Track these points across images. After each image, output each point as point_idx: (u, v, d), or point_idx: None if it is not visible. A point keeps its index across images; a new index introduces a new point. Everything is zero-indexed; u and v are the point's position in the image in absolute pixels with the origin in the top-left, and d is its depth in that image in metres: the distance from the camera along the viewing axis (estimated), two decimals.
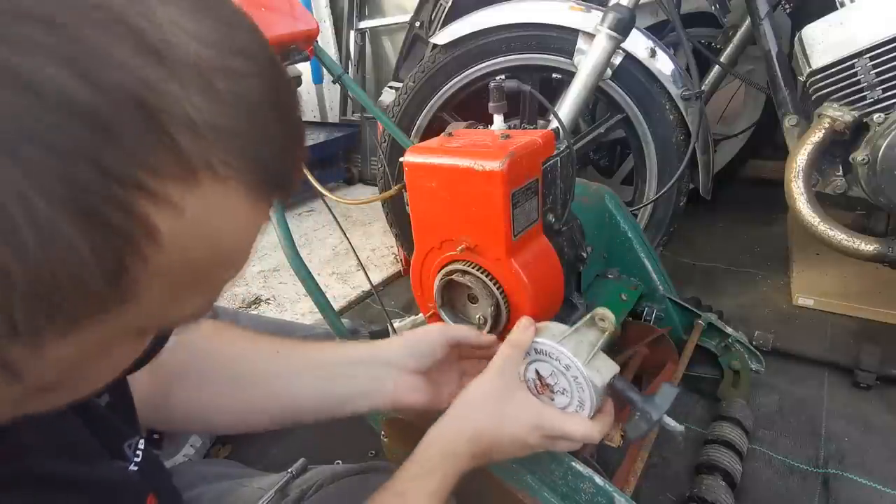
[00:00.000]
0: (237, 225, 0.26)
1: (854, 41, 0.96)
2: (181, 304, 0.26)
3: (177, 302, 0.26)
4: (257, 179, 0.25)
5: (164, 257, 0.22)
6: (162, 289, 0.24)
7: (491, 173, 0.65)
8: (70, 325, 0.22)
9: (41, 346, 0.22)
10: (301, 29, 0.93)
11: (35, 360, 0.23)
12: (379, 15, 2.58)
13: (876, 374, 1.06)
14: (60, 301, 0.21)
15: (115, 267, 0.21)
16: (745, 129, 1.92)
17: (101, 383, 0.30)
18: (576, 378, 0.55)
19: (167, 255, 0.22)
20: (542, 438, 0.56)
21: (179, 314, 0.27)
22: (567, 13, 1.23)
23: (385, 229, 1.99)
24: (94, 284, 0.21)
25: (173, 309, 0.26)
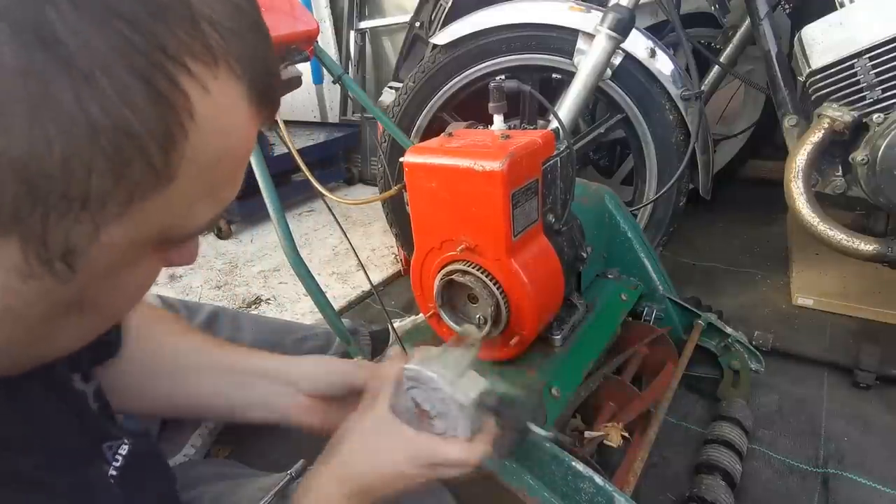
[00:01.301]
0: (241, 127, 0.30)
1: (853, 41, 0.96)
2: (197, 210, 0.30)
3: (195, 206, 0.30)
4: (256, 86, 0.30)
5: (197, 138, 0.27)
6: (190, 180, 0.28)
7: (491, 173, 0.65)
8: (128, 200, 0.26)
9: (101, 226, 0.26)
10: (301, 29, 0.93)
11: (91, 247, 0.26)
12: (379, 15, 2.58)
13: (875, 374, 1.06)
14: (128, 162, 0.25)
15: (167, 134, 0.25)
16: (744, 129, 1.92)
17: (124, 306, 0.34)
18: (443, 400, 0.52)
19: (199, 136, 0.27)
20: (422, 468, 0.53)
21: (193, 222, 0.31)
22: (567, 13, 1.23)
23: (385, 229, 1.99)
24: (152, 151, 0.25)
25: (191, 214, 0.30)
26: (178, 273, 1.84)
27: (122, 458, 0.43)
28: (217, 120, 0.28)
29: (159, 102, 0.25)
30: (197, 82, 0.26)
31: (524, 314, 0.73)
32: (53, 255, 0.25)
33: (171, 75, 0.25)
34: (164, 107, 0.25)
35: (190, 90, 0.26)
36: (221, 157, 0.30)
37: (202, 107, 0.27)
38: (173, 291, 1.72)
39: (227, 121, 0.29)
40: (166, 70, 0.25)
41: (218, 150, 0.29)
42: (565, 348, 0.84)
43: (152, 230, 0.29)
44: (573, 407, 0.83)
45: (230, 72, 0.28)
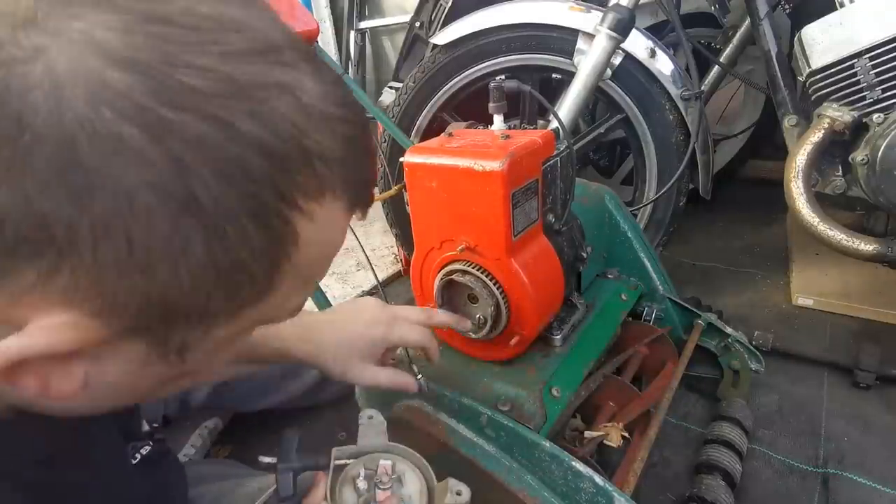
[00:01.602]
0: (339, 233, 0.34)
1: (853, 41, 0.96)
2: (294, 299, 0.34)
3: (292, 299, 0.33)
4: (354, 199, 0.33)
5: (299, 257, 0.30)
6: (290, 285, 0.31)
7: (491, 173, 0.65)
8: (236, 311, 0.29)
9: (210, 330, 0.30)
10: (301, 29, 0.93)
11: (201, 343, 0.30)
12: (379, 15, 2.57)
13: (875, 374, 1.06)
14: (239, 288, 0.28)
15: (272, 262, 0.29)
16: (744, 129, 1.92)
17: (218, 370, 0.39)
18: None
19: (301, 255, 0.30)
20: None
21: (289, 308, 0.34)
22: (567, 13, 1.23)
23: (385, 229, 1.99)
24: (259, 276, 0.28)
25: (288, 305, 0.34)
26: None
27: (140, 457, 0.45)
28: (318, 238, 0.31)
29: (271, 240, 0.28)
30: (305, 215, 0.29)
31: (524, 314, 0.73)
32: (170, 352, 0.30)
33: (284, 216, 0.28)
34: (274, 242, 0.28)
35: (298, 223, 0.29)
36: (320, 261, 0.33)
37: (306, 233, 0.29)
38: None
39: (328, 236, 0.32)
40: (282, 213, 0.28)
41: (318, 258, 0.33)
42: (565, 348, 0.84)
43: (253, 323, 0.33)
44: (573, 407, 0.83)
45: (334, 196, 0.30)
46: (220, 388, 0.94)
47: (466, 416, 0.73)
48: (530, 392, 0.74)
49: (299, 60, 0.29)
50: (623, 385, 0.88)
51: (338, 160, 0.29)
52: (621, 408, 0.87)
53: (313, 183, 0.29)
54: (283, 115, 0.27)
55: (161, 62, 0.24)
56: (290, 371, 1.01)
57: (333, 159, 0.29)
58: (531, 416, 0.72)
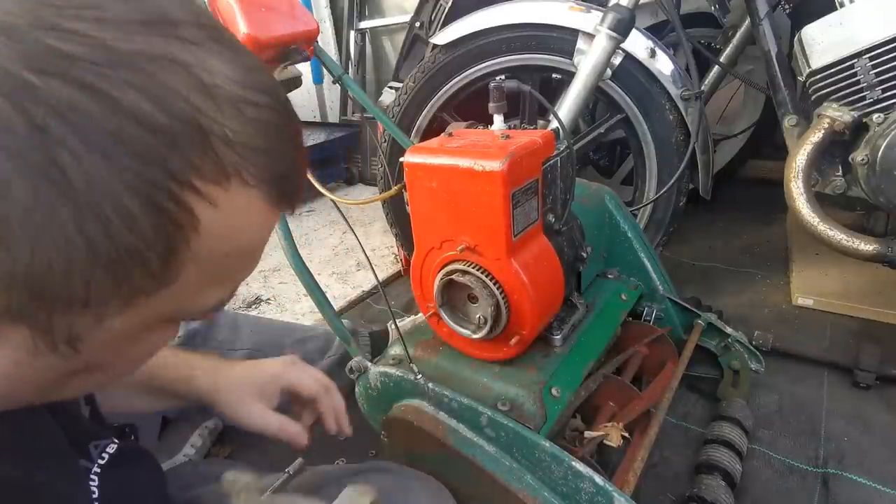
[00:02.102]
0: (254, 225, 0.32)
1: (853, 41, 0.96)
2: (206, 294, 0.32)
3: (203, 292, 0.32)
4: (273, 189, 0.31)
5: (201, 244, 0.28)
6: (196, 276, 0.30)
7: (491, 173, 0.65)
8: (129, 299, 0.28)
9: (103, 319, 0.28)
10: (301, 29, 0.93)
11: (94, 333, 0.29)
12: (379, 15, 2.58)
13: (875, 374, 1.06)
14: (127, 273, 0.27)
15: (168, 248, 0.27)
16: (744, 129, 1.92)
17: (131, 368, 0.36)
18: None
19: (203, 243, 0.28)
20: None
21: (203, 304, 0.33)
22: (567, 13, 1.23)
23: (385, 229, 1.99)
24: (153, 262, 0.27)
25: (199, 298, 0.32)
26: None
27: (108, 456, 0.44)
28: (225, 226, 0.29)
29: (163, 223, 0.26)
30: (204, 199, 0.27)
31: (524, 314, 0.73)
32: (58, 341, 0.28)
33: (177, 198, 0.26)
34: (167, 226, 0.26)
35: (196, 206, 0.27)
36: (230, 253, 0.31)
37: (208, 219, 0.28)
38: None
39: (236, 225, 0.30)
40: (173, 194, 0.26)
41: (227, 249, 0.31)
42: (565, 348, 0.84)
43: (157, 315, 0.31)
44: (573, 407, 0.83)
45: (242, 182, 0.29)
46: None
47: (466, 416, 0.73)
48: (530, 392, 0.74)
49: (207, 40, 0.28)
50: (623, 385, 0.88)
51: (247, 145, 0.28)
52: (621, 408, 0.87)
53: (213, 166, 0.27)
54: (174, 90, 0.26)
55: (31, 26, 0.23)
56: None
57: (241, 144, 0.28)
58: (531, 416, 0.72)
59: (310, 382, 0.71)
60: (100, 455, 0.44)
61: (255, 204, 0.30)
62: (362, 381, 0.84)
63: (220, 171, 0.28)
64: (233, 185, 0.28)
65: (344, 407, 0.73)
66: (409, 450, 0.76)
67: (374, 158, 2.58)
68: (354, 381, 0.85)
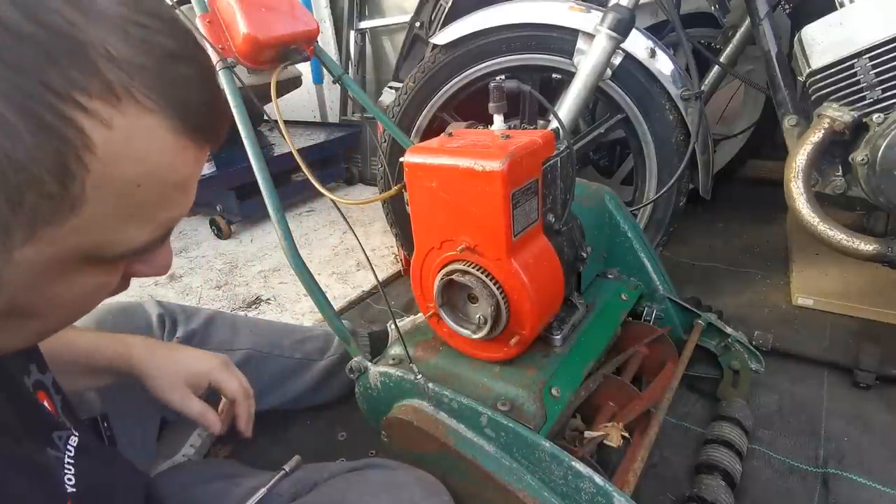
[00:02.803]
0: (165, 155, 0.31)
1: (853, 41, 0.96)
2: (127, 231, 0.32)
3: (122, 227, 0.32)
4: (181, 117, 0.31)
5: (102, 168, 0.28)
6: (106, 205, 0.30)
7: (491, 173, 0.65)
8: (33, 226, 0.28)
9: (11, 248, 0.28)
10: (301, 29, 0.93)
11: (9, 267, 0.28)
12: (379, 15, 2.58)
13: (875, 374, 1.06)
14: (20, 193, 0.26)
15: (61, 166, 0.27)
16: (744, 129, 1.92)
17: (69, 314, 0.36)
18: None
19: (103, 166, 0.28)
20: None
21: (127, 243, 0.33)
22: (567, 13, 1.23)
23: (385, 229, 1.99)
24: (48, 182, 0.27)
25: (120, 235, 0.32)
26: (178, 273, 1.85)
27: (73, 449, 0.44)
28: (125, 150, 0.29)
29: (47, 137, 0.26)
30: (94, 117, 0.27)
31: (524, 314, 0.73)
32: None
33: (59, 112, 0.26)
34: (53, 141, 0.26)
35: (85, 125, 0.27)
36: (141, 183, 0.31)
37: (104, 140, 0.28)
38: (173, 292, 1.72)
39: (139, 150, 0.30)
40: (54, 107, 0.26)
41: (133, 177, 0.30)
42: (565, 348, 0.84)
43: (73, 249, 0.31)
44: (573, 407, 0.83)
45: (139, 105, 0.29)
46: None
47: (466, 416, 0.73)
48: (530, 392, 0.74)
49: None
50: (623, 385, 0.88)
51: (134, 64, 0.28)
52: (621, 408, 0.87)
53: (97, 82, 0.27)
54: (46, 4, 0.26)
55: None
56: (290, 371, 1.01)
57: (127, 62, 0.28)
58: (531, 416, 0.72)
59: (235, 386, 0.78)
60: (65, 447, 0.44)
61: (159, 130, 0.30)
62: (362, 381, 0.84)
63: (106, 88, 0.28)
64: (126, 107, 0.29)
65: (253, 413, 0.82)
66: (409, 450, 0.76)
67: (374, 158, 2.58)
68: (354, 381, 0.85)
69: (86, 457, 0.44)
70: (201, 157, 0.35)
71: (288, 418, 1.08)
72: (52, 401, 0.48)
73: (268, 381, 0.99)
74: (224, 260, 1.93)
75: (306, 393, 1.03)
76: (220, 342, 0.95)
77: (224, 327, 0.97)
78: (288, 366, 1.01)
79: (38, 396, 0.46)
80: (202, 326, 0.95)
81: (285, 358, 1.00)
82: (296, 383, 1.02)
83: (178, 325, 0.92)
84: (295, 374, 1.02)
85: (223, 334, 0.96)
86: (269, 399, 1.01)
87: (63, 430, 0.44)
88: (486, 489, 0.70)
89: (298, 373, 1.02)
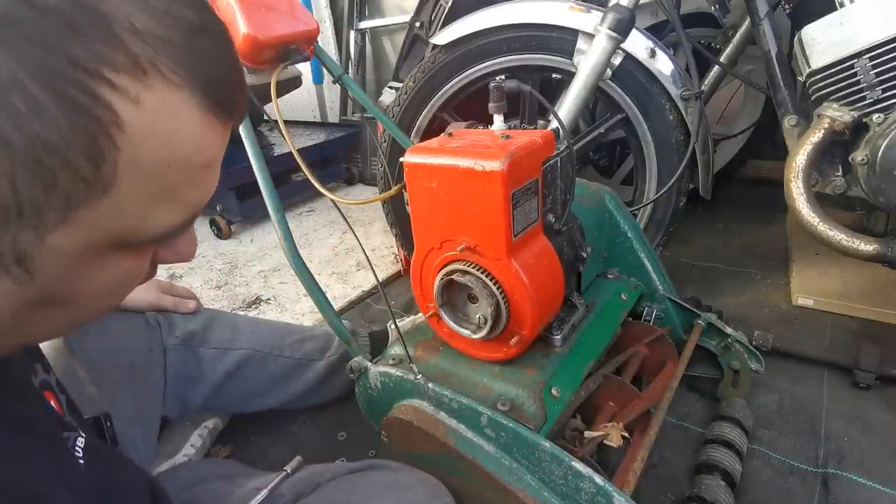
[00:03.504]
0: (192, 133, 0.31)
1: (853, 41, 0.96)
2: (155, 213, 0.31)
3: (150, 209, 0.31)
4: (205, 93, 0.30)
5: (132, 148, 0.28)
6: (136, 186, 0.29)
7: (491, 173, 0.65)
8: (66, 210, 0.27)
9: (45, 233, 0.27)
10: (301, 29, 0.93)
11: (42, 253, 0.28)
12: (379, 15, 2.58)
13: (875, 374, 1.06)
14: (53, 174, 0.26)
15: (93, 146, 0.26)
16: (744, 129, 1.92)
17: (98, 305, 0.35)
18: None
19: (134, 146, 0.28)
20: None
21: (155, 226, 0.32)
22: (567, 13, 1.23)
23: (385, 229, 1.99)
24: (80, 163, 0.26)
25: (148, 218, 0.31)
26: (178, 273, 1.85)
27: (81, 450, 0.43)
28: (155, 128, 0.28)
29: (77, 115, 0.26)
30: (122, 93, 0.27)
31: (524, 314, 0.73)
32: (8, 262, 0.27)
33: (88, 88, 0.26)
34: (83, 119, 0.26)
35: (114, 102, 0.27)
36: (170, 163, 0.30)
37: (133, 117, 0.27)
38: None
39: (168, 128, 0.29)
40: (82, 84, 0.25)
41: (163, 156, 0.30)
42: (565, 348, 0.84)
43: (105, 233, 0.30)
44: (573, 407, 0.83)
45: (166, 81, 0.28)
46: (220, 388, 0.94)
47: (466, 416, 0.73)
48: (530, 392, 0.74)
49: None
50: (623, 385, 0.88)
51: (159, 38, 0.28)
52: (621, 408, 0.88)
53: (123, 56, 0.27)
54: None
55: None
56: (290, 371, 1.01)
57: (151, 35, 0.28)
58: (531, 416, 0.72)
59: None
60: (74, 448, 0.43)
61: (186, 108, 0.30)
62: (362, 381, 0.84)
63: (132, 62, 0.27)
64: (154, 82, 0.28)
65: None
66: (409, 450, 0.76)
67: (374, 158, 2.58)
68: (354, 381, 0.85)
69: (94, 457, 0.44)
70: (226, 135, 0.34)
71: (288, 418, 1.08)
72: (58, 400, 0.48)
73: (268, 381, 0.99)
74: (224, 260, 1.93)
75: (306, 393, 1.03)
76: (219, 342, 0.95)
77: (224, 327, 0.97)
78: (288, 366, 1.01)
79: (46, 396, 0.46)
80: (201, 326, 0.95)
81: (285, 358, 1.00)
82: (296, 383, 1.02)
83: (178, 324, 0.92)
84: (295, 374, 1.02)
85: (223, 334, 0.96)
86: (269, 399, 1.01)
87: (72, 431, 0.44)
88: (486, 489, 0.70)
89: (298, 373, 1.02)
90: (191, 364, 0.91)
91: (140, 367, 0.84)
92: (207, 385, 0.92)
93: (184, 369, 0.90)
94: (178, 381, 0.90)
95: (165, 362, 0.88)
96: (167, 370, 0.88)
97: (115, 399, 0.77)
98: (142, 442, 0.80)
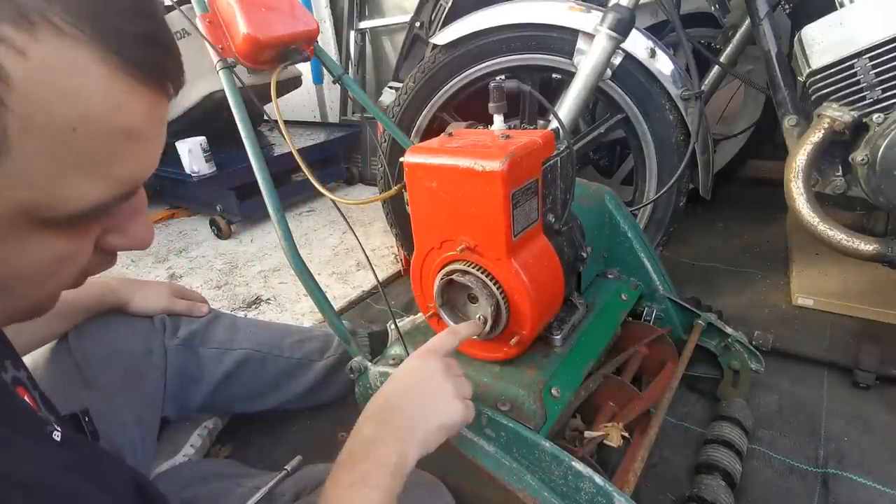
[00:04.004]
0: (100, 93, 0.28)
1: (853, 41, 0.96)
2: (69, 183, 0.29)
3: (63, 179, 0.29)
4: (115, 48, 0.28)
5: (23, 106, 0.26)
6: (38, 151, 0.27)
7: (491, 173, 0.65)
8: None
9: None
10: (301, 29, 0.93)
11: None
12: (379, 15, 2.58)
13: (875, 374, 1.06)
14: None
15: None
16: (744, 129, 1.92)
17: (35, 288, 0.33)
18: None
19: (25, 104, 0.26)
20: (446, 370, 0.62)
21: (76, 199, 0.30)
22: (567, 13, 1.23)
23: (385, 229, 1.99)
24: None
25: (61, 188, 0.29)
26: (178, 273, 1.85)
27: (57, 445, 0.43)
28: (49, 85, 0.27)
29: None
30: (6, 45, 0.25)
31: (524, 314, 0.73)
32: None
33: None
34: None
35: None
36: (76, 126, 0.28)
37: (20, 72, 0.26)
38: None
39: (67, 85, 0.27)
40: None
41: (65, 118, 0.28)
42: (565, 348, 0.84)
43: (10, 203, 0.28)
44: (573, 407, 0.83)
45: (60, 34, 0.26)
46: (220, 388, 0.94)
47: None
48: (530, 392, 0.74)
49: None
50: (623, 385, 0.88)
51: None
52: (621, 408, 0.88)
53: (7, 8, 0.25)
54: None
55: None
56: (290, 371, 1.01)
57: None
58: (531, 416, 0.72)
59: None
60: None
61: (88, 63, 0.28)
62: (362, 381, 0.84)
63: (17, 13, 0.25)
64: (44, 35, 0.26)
65: None
66: None
67: (374, 158, 2.59)
68: (354, 381, 0.85)
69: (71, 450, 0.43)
70: (158, 104, 0.32)
71: (288, 418, 1.08)
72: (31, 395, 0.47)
73: (268, 381, 0.99)
74: (224, 260, 1.93)
75: (306, 393, 1.03)
76: (220, 342, 0.95)
77: (224, 327, 0.97)
78: (288, 366, 1.01)
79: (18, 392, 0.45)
80: (202, 326, 0.95)
81: (285, 358, 1.00)
82: (296, 383, 1.02)
83: (181, 325, 0.92)
84: (295, 375, 1.02)
85: (223, 334, 0.96)
86: (269, 399, 1.01)
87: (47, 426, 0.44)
88: (486, 489, 0.70)
89: (298, 373, 1.02)
90: (191, 364, 0.91)
91: (139, 370, 0.84)
92: (207, 385, 0.92)
93: (184, 369, 0.91)
94: (179, 381, 0.90)
95: (166, 364, 0.89)
96: (167, 370, 0.89)
97: (114, 400, 0.77)
98: (141, 443, 0.80)
